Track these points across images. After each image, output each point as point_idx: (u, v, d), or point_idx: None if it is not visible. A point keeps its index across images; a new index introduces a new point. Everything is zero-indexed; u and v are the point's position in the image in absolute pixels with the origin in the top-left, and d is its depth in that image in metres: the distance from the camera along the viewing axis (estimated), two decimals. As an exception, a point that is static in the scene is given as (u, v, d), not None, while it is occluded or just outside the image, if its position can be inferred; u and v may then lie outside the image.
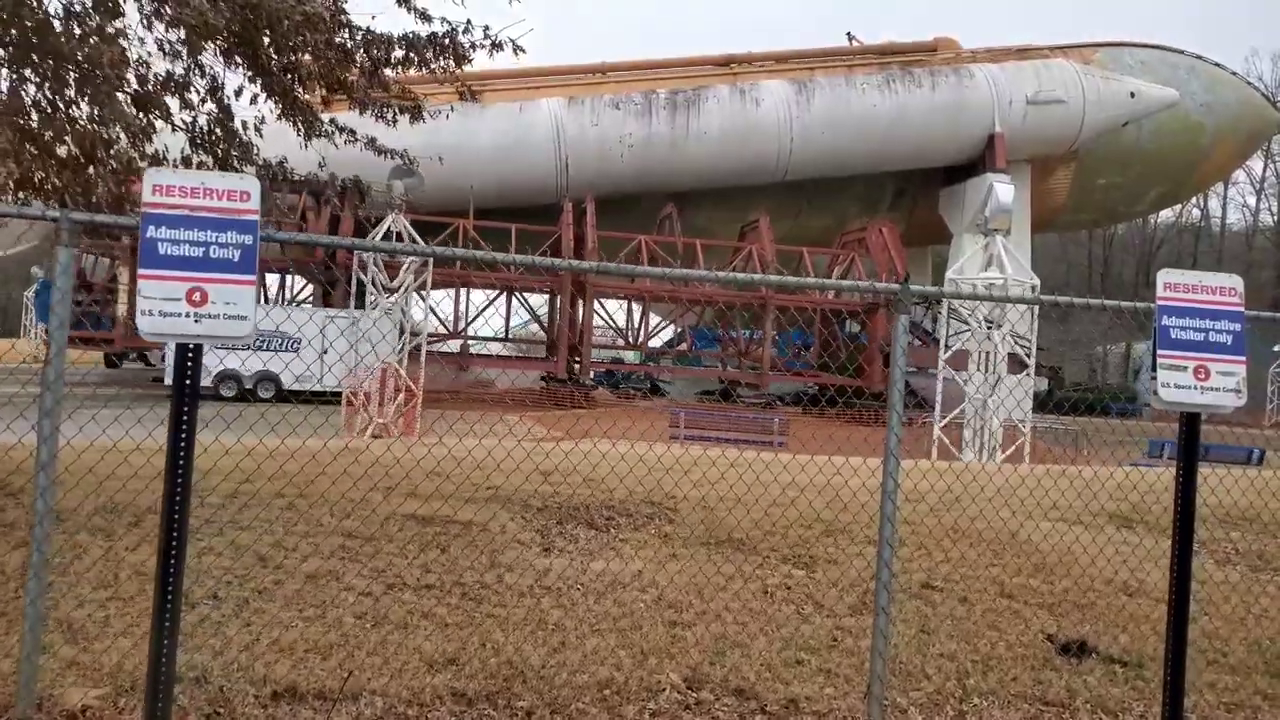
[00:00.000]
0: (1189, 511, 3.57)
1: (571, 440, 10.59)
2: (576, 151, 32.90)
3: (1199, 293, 3.53)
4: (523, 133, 32.75)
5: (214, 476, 6.10)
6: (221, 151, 6.72)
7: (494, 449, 6.94)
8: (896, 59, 38.71)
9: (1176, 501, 3.59)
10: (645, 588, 5.50)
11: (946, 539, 7.01)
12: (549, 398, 27.64)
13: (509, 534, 6.35)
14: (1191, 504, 3.56)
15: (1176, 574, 3.61)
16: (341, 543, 5.73)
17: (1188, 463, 3.54)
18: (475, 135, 32.46)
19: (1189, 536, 3.59)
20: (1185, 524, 3.57)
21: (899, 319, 4.01)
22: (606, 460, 8.16)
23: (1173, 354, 3.47)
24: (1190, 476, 3.55)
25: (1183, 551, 3.57)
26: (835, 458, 9.85)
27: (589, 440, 8.65)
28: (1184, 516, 3.57)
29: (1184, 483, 3.55)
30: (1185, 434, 3.56)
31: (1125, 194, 42.43)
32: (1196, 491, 3.57)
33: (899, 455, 4.05)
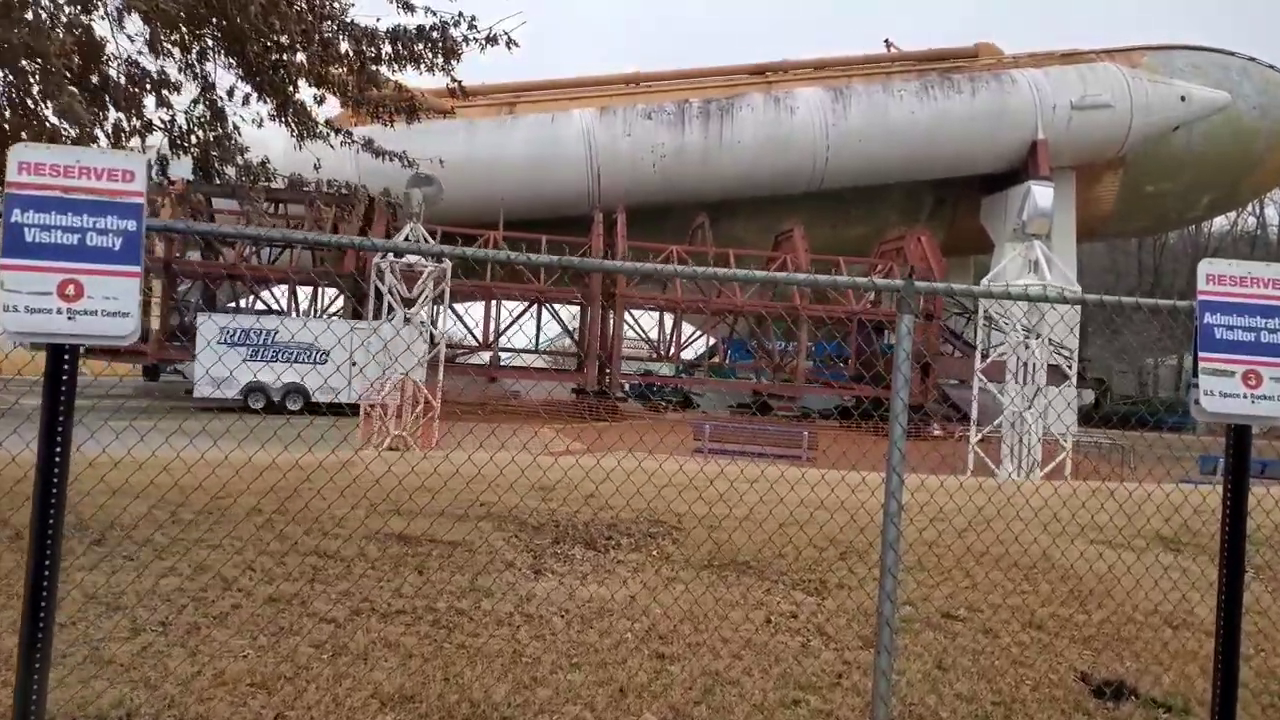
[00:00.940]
0: (1239, 538, 3.06)
1: (573, 455, 10.18)
2: (608, 162, 32.66)
3: (1248, 285, 3.03)
4: (554, 143, 32.60)
5: (188, 491, 5.79)
6: (200, 151, 6.45)
7: (486, 463, 6.54)
8: (936, 65, 38.03)
9: (1224, 527, 3.09)
10: (635, 615, 5.06)
11: (973, 562, 6.48)
12: (576, 410, 27.29)
13: (497, 555, 5.95)
14: (1242, 529, 3.06)
15: (1225, 610, 3.10)
16: (313, 563, 5.37)
17: (1237, 483, 3.04)
18: (507, 146, 32.43)
19: (1239, 567, 3.09)
20: (1234, 553, 3.07)
21: (902, 319, 3.55)
22: (612, 477, 7.76)
23: (1217, 357, 2.98)
24: (1240, 498, 3.05)
25: (1232, 584, 3.07)
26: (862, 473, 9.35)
27: (593, 455, 8.23)
28: (1233, 544, 3.07)
29: (1233, 505, 3.04)
30: (1234, 450, 3.05)
31: (1175, 201, 41.18)
32: (1247, 515, 3.06)
33: (902, 472, 3.59)
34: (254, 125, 7.75)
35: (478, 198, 31.70)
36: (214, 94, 7.26)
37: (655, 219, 33.91)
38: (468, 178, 31.96)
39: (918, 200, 39.10)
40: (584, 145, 32.66)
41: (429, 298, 14.77)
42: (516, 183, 31.98)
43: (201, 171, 6.71)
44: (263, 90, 6.81)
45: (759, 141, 33.53)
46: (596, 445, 16.39)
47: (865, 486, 7.85)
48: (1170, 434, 32.00)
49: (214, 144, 6.49)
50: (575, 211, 32.77)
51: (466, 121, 33.67)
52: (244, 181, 6.89)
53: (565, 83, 36.92)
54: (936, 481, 9.11)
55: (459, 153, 32.43)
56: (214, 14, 4.99)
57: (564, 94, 36.29)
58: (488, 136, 32.73)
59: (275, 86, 6.73)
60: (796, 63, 38.24)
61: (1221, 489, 3.12)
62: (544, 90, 36.85)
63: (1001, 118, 34.83)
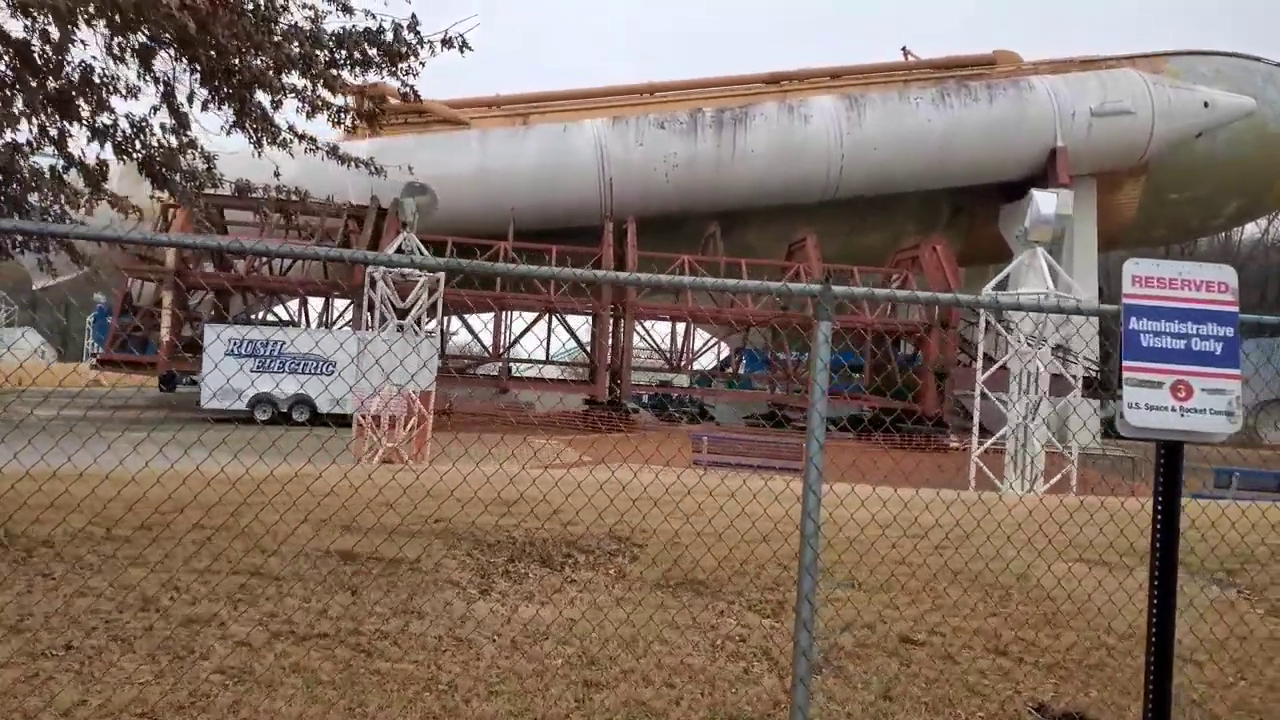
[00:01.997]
0: (1170, 570, 2.78)
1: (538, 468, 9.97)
2: (620, 172, 32.50)
3: (1179, 288, 2.76)
4: (566, 153, 32.50)
5: (129, 504, 5.63)
6: (142, 159, 6.31)
7: (441, 476, 6.33)
8: (954, 73, 37.59)
9: (1153, 557, 2.81)
10: (572, 639, 4.83)
11: (945, 582, 6.18)
12: (584, 421, 27.07)
13: (443, 573, 5.73)
14: (1173, 559, 2.78)
15: (1157, 643, 2.82)
16: (242, 582, 5.18)
17: (1168, 507, 2.76)
18: (519, 157, 32.36)
19: (1170, 595, 2.81)
20: (1165, 581, 2.79)
21: (819, 326, 3.31)
22: (583, 490, 7.53)
23: (1143, 366, 2.71)
24: (1171, 524, 2.77)
25: (1163, 616, 2.79)
26: (854, 487, 9.05)
27: (555, 470, 8.01)
28: (1164, 574, 2.79)
29: (1164, 532, 2.77)
30: (1165, 470, 2.78)
31: (1200, 208, 40.36)
32: (1179, 542, 2.78)
33: (819, 490, 3.33)
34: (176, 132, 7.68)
35: (490, 208, 31.68)
36: (175, 100, 7.15)
37: (668, 229, 33.69)
38: (480, 188, 31.96)
39: (935, 209, 38.58)
40: (596, 155, 32.53)
41: (424, 306, 14.63)
42: (528, 193, 31.91)
43: (147, 177, 6.58)
44: (219, 96, 6.68)
45: (772, 150, 33.23)
46: (595, 457, 16.16)
47: (842, 499, 7.58)
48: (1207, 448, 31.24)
49: (173, 151, 6.36)
50: (587, 221, 32.61)
51: (479, 132, 33.70)
52: (189, 187, 6.77)
53: (579, 93, 36.86)
54: (929, 494, 8.81)
55: (471, 163, 32.48)
56: (159, 17, 4.83)
57: (577, 104, 36.22)
58: (500, 147, 32.70)
59: (231, 92, 6.59)
60: (812, 71, 37.91)
61: (1152, 514, 2.84)
62: (557, 101, 36.81)
63: (1019, 125, 34.32)
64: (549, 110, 36.06)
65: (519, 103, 36.92)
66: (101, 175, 6.40)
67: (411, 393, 13.67)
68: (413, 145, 32.64)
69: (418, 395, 13.90)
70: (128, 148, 6.24)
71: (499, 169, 32.16)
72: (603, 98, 36.13)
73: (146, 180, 6.57)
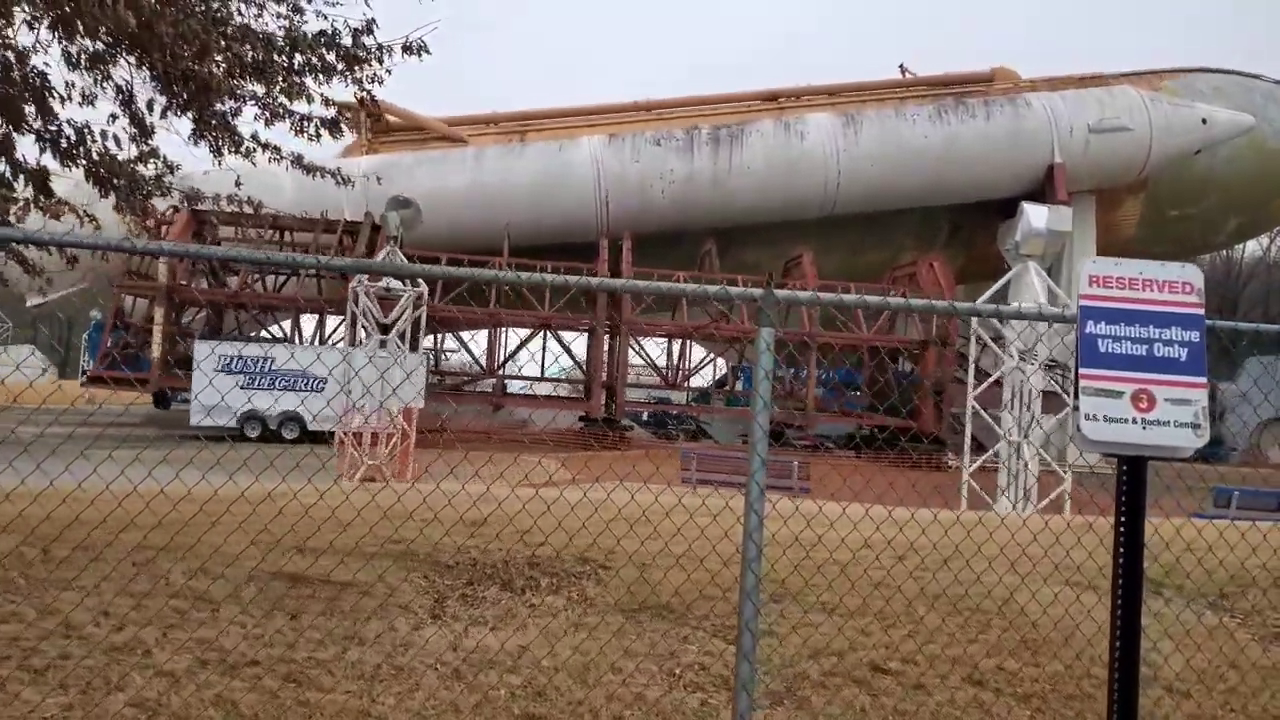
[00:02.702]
0: (1134, 593, 2.53)
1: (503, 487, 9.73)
2: (617, 189, 32.40)
3: (1140, 288, 2.52)
4: (563, 171, 32.42)
5: (62, 525, 5.40)
6: (87, 166, 6.10)
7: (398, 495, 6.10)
8: (951, 90, 37.55)
9: (1116, 580, 2.56)
10: (520, 667, 4.57)
11: (925, 606, 5.91)
12: (578, 439, 26.80)
13: (394, 598, 5.47)
14: (1137, 585, 2.53)
15: (1120, 684, 2.56)
16: (177, 606, 4.93)
17: (1130, 529, 2.51)
18: (514, 173, 32.30)
19: (1135, 625, 2.55)
20: (1129, 611, 2.53)
21: (761, 332, 3.07)
22: (554, 510, 7.27)
23: (1101, 374, 2.47)
24: (1135, 546, 2.52)
25: (1126, 647, 2.53)
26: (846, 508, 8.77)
27: (524, 490, 7.76)
28: (1128, 600, 2.53)
29: (1127, 556, 2.52)
30: (1127, 488, 2.53)
31: (1200, 225, 40.21)
32: (1143, 565, 2.53)
33: (761, 509, 3.09)
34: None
35: (486, 225, 31.58)
36: (134, 107, 6.96)
37: (665, 246, 33.54)
38: (476, 205, 31.87)
39: (934, 225, 38.43)
40: (592, 172, 32.45)
41: (407, 321, 14.43)
42: (524, 210, 31.81)
43: (95, 185, 6.38)
44: (176, 102, 6.49)
45: (769, 167, 33.13)
46: (586, 476, 15.90)
47: (824, 519, 7.31)
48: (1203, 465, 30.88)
49: (115, 158, 6.16)
50: (584, 238, 32.49)
51: (476, 149, 33.65)
52: (135, 198, 6.57)
53: (576, 110, 36.85)
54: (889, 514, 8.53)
55: (467, 180, 32.41)
56: (94, 7, 4.64)
57: (575, 121, 36.22)
58: (495, 164, 32.64)
59: (189, 99, 6.40)
60: (810, 88, 37.91)
61: (1114, 536, 2.59)
62: (555, 118, 36.82)
63: (1016, 142, 34.22)
64: (546, 127, 36.05)
65: (516, 120, 36.92)
66: (42, 181, 6.20)
67: (393, 409, 13.43)
68: (411, 162, 32.62)
69: (399, 412, 13.67)
70: (72, 154, 6.05)
71: (495, 186, 32.09)
72: (600, 115, 36.11)
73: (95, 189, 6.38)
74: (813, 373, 28.99)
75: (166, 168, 7.54)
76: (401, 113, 35.20)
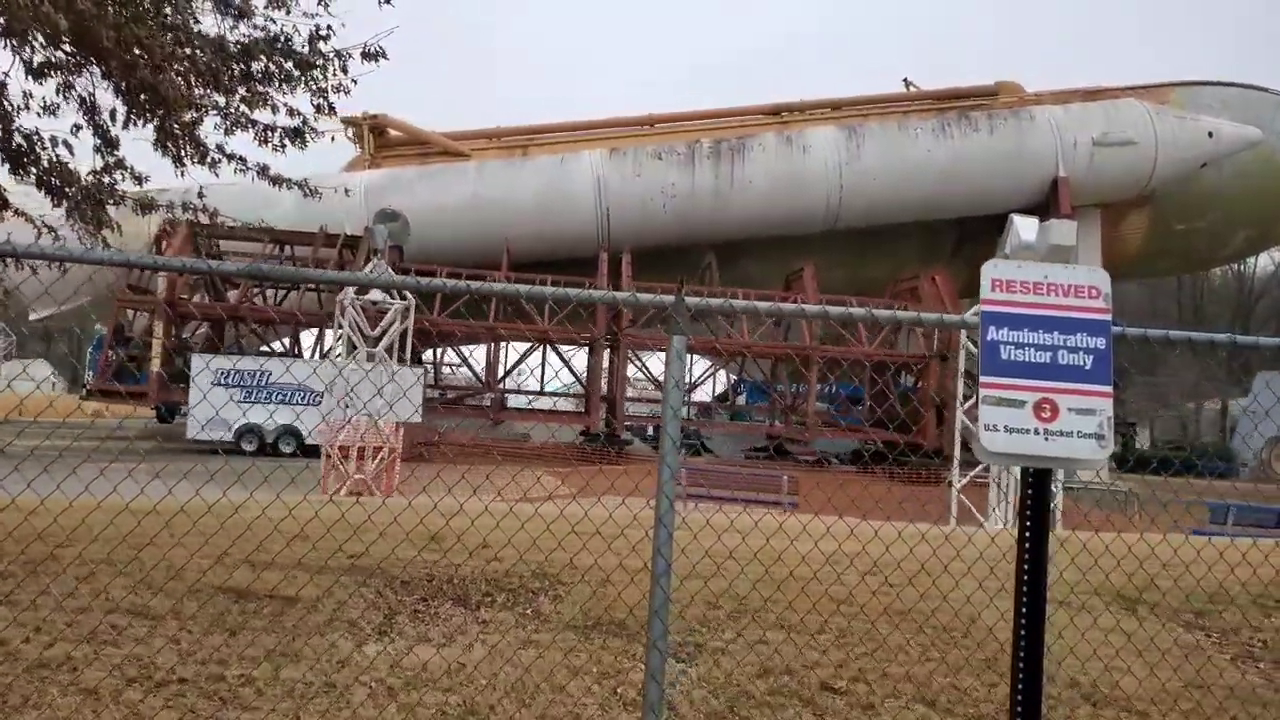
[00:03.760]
0: (1037, 612, 2.41)
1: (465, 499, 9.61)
2: (618, 203, 32.40)
3: (1044, 293, 2.42)
4: (563, 184, 32.45)
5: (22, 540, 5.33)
6: (37, 175, 6.05)
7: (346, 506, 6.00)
8: (956, 104, 37.45)
9: (1019, 598, 2.44)
10: (458, 686, 4.45)
11: (888, 624, 5.77)
12: (577, 453, 26.66)
13: (343, 613, 5.36)
14: (1040, 606, 2.41)
15: (1023, 697, 2.44)
16: (114, 622, 4.84)
17: (1035, 544, 2.39)
18: (516, 188, 32.34)
19: (1037, 650, 2.43)
20: (1033, 628, 2.41)
21: (672, 340, 2.97)
22: (529, 525, 7.16)
23: (1002, 382, 2.36)
24: (1038, 565, 2.40)
25: (1029, 675, 2.41)
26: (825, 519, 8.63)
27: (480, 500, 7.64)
28: (1031, 619, 2.41)
29: (1030, 575, 2.40)
30: (1031, 501, 2.41)
31: (1207, 239, 39.89)
32: (1046, 588, 2.41)
33: (671, 523, 2.98)
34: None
35: (487, 239, 31.61)
36: (99, 118, 6.93)
37: (667, 260, 33.48)
38: (477, 219, 31.92)
39: (939, 239, 38.28)
40: (593, 186, 32.46)
41: (395, 334, 14.37)
42: (525, 224, 31.84)
43: (46, 194, 6.34)
44: (136, 112, 6.45)
45: (771, 181, 33.08)
46: (578, 490, 15.77)
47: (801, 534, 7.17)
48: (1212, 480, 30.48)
49: (66, 167, 6.12)
50: (586, 252, 32.48)
51: (477, 164, 33.72)
52: (84, 205, 6.52)
53: (579, 124, 36.91)
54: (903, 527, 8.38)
55: (468, 194, 32.46)
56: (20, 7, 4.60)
57: (577, 135, 36.28)
58: (496, 178, 32.69)
59: (147, 109, 6.36)
60: (812, 102, 37.87)
61: (1017, 553, 2.47)
62: (557, 132, 36.89)
63: (1020, 155, 34.08)
64: (548, 142, 36.12)
65: (519, 134, 37.01)
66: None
67: (381, 423, 13.36)
68: (413, 177, 32.72)
69: (394, 428, 13.59)
70: (22, 162, 6.01)
71: (496, 200, 32.13)
72: (602, 129, 36.16)
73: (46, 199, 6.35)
74: (813, 387, 28.81)
75: (134, 179, 7.50)
76: (404, 127, 35.34)
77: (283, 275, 3.99)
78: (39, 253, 3.35)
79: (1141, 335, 2.92)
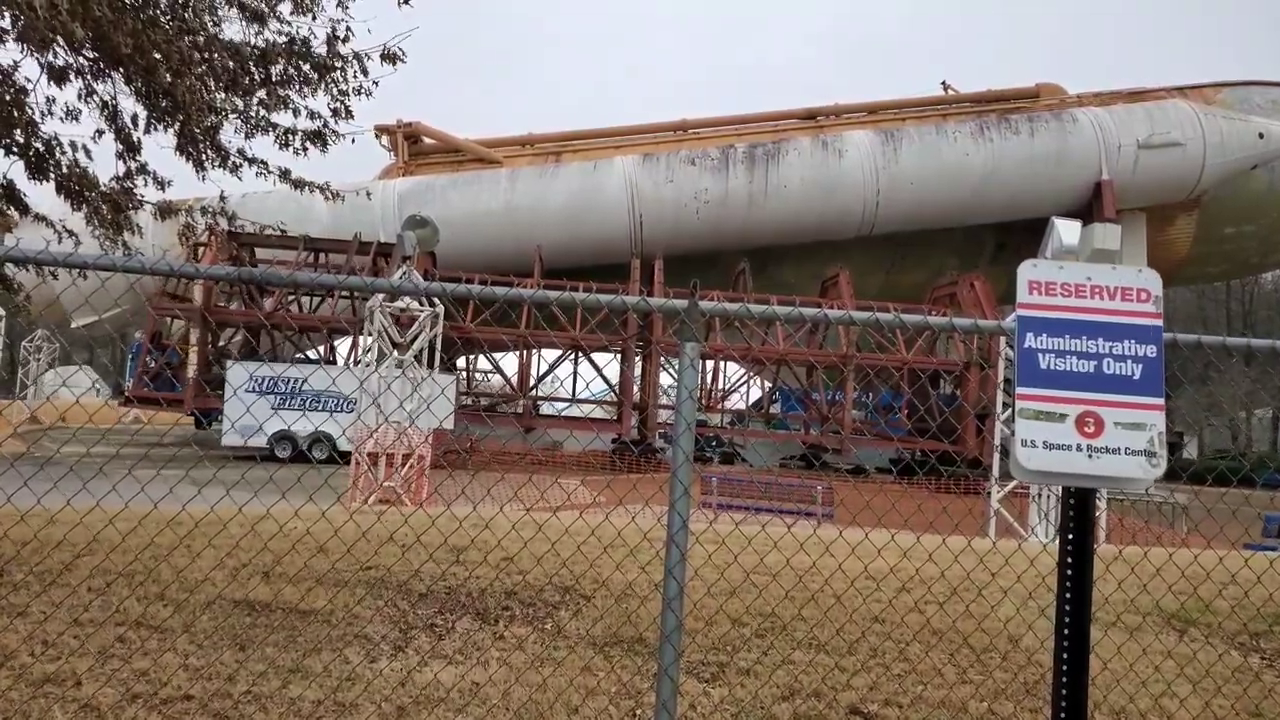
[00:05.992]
0: (1081, 640, 2.19)
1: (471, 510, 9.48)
2: (650, 209, 32.27)
3: (1087, 296, 2.20)
4: (596, 191, 32.39)
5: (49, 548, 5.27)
6: (58, 180, 6.01)
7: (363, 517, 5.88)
8: (995, 106, 36.88)
9: (1060, 625, 2.22)
10: (470, 706, 4.29)
11: (923, 644, 5.52)
12: (608, 461, 26.49)
13: (355, 627, 5.23)
14: (1084, 629, 2.19)
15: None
16: (124, 635, 4.74)
17: (1078, 564, 2.17)
18: (548, 195, 32.35)
19: (1081, 683, 2.21)
20: (1076, 667, 2.19)
21: (684, 348, 2.79)
22: (546, 535, 7.01)
23: (1041, 394, 2.14)
24: (1081, 586, 2.18)
25: (1072, 705, 2.19)
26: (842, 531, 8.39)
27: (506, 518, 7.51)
28: (1075, 648, 2.19)
29: (1074, 601, 2.18)
30: (1074, 523, 2.20)
31: (1258, 243, 38.89)
32: (1090, 619, 2.19)
33: (684, 543, 2.79)
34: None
35: (519, 246, 31.64)
36: (120, 123, 6.90)
37: (700, 266, 33.30)
38: (509, 226, 31.97)
39: (978, 244, 37.69)
40: (626, 192, 32.36)
41: (425, 340, 14.32)
42: (558, 230, 31.84)
43: (66, 198, 6.31)
44: (156, 117, 6.41)
45: (806, 186, 32.75)
46: (610, 499, 15.61)
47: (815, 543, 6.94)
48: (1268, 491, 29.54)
49: (86, 172, 6.08)
50: (618, 259, 32.41)
51: (510, 171, 33.79)
52: (103, 210, 6.48)
53: (611, 131, 36.87)
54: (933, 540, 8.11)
55: (501, 202, 32.53)
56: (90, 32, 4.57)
57: (610, 142, 36.24)
58: (530, 185, 32.72)
59: (168, 112, 6.32)
60: (848, 106, 37.49)
61: (1058, 587, 2.25)
62: (590, 139, 36.87)
63: (1062, 158, 33.43)
64: (581, 149, 36.10)
65: (552, 141, 37.04)
66: (9, 194, 6.15)
67: (419, 431, 13.29)
68: (444, 184, 32.86)
69: (415, 433, 13.51)
70: (43, 167, 5.98)
71: (529, 207, 32.16)
72: (635, 135, 36.08)
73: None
74: (850, 395, 28.41)
75: (158, 184, 7.47)
76: (437, 134, 35.50)
77: (312, 283, 3.86)
78: (79, 261, 3.23)
79: (1194, 342, 2.69)
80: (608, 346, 29.12)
